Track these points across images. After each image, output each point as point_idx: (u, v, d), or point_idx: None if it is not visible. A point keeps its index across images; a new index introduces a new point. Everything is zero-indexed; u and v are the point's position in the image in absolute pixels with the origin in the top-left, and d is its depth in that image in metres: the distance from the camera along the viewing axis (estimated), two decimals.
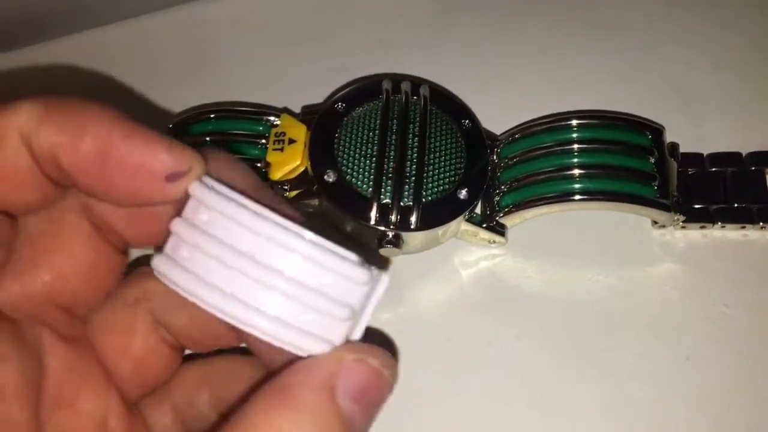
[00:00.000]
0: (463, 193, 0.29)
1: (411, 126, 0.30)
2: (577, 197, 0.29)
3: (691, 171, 0.31)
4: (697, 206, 0.30)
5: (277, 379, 0.17)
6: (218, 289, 0.17)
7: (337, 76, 0.35)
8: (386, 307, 0.31)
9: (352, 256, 0.18)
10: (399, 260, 0.31)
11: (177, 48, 0.39)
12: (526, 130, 0.31)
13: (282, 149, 0.30)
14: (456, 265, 0.31)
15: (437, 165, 0.29)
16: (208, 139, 0.31)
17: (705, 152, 0.31)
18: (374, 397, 0.18)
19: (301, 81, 0.37)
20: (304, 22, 0.39)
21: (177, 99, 0.36)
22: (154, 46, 0.40)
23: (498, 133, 0.32)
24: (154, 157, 0.18)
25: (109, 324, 0.21)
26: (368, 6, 0.39)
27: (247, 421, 0.16)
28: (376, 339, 0.19)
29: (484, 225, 0.30)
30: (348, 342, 0.18)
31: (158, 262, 0.18)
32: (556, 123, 0.30)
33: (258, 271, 0.17)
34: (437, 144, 0.30)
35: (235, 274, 0.17)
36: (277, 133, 0.30)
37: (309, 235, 0.17)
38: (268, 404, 0.17)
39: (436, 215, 0.28)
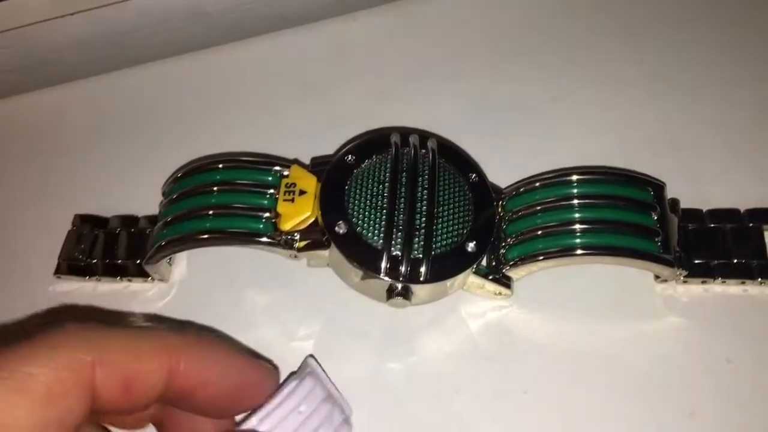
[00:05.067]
0: (471, 246, 0.29)
1: (420, 179, 0.30)
2: (580, 252, 0.29)
3: (691, 226, 0.31)
4: (698, 261, 0.31)
5: None
6: None
7: (339, 126, 0.36)
8: (396, 357, 0.31)
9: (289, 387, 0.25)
10: (407, 310, 0.31)
11: (178, 97, 0.40)
12: (530, 185, 0.32)
13: (293, 200, 0.30)
14: (464, 316, 0.31)
15: (446, 218, 0.30)
16: (215, 188, 0.32)
17: (704, 208, 0.32)
18: None
19: (302, 131, 0.37)
20: (306, 73, 0.40)
21: (180, 149, 0.36)
22: (153, 94, 0.40)
23: (502, 186, 0.33)
24: None
25: None
26: (370, 58, 0.40)
27: None
28: None
29: (491, 277, 0.31)
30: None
31: None
32: (560, 178, 0.31)
33: None
34: (446, 197, 0.30)
35: None
36: (287, 183, 0.31)
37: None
38: None
39: (445, 268, 0.29)
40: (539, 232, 0.30)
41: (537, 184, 0.31)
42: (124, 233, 0.34)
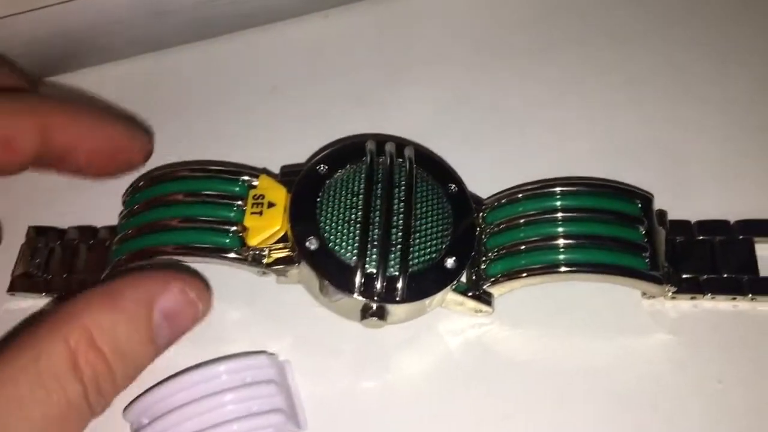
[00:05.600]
0: (450, 262, 0.28)
1: (396, 190, 0.28)
2: (564, 269, 0.28)
3: (678, 239, 0.30)
4: (686, 276, 0.29)
5: (111, 284, 0.22)
6: None
7: (310, 132, 0.34)
8: (372, 376, 0.29)
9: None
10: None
11: (138, 100, 0.38)
12: (512, 196, 0.30)
13: (261, 213, 0.28)
14: (441, 334, 0.30)
15: (424, 232, 0.28)
16: (179, 199, 0.30)
17: (692, 219, 0.31)
18: (183, 321, 0.22)
19: (271, 137, 0.35)
20: (275, 75, 0.38)
21: None
22: (112, 97, 0.38)
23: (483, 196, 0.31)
24: None
25: None
26: (343, 58, 0.39)
27: (75, 315, 0.20)
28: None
29: (470, 294, 0.29)
30: (180, 272, 0.23)
31: None
32: (543, 189, 0.30)
33: None
34: (424, 210, 0.28)
35: None
36: (255, 195, 0.29)
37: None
38: (97, 304, 0.21)
39: (422, 286, 0.27)
40: (522, 247, 0.29)
41: (519, 195, 0.30)
42: (83, 246, 0.32)
